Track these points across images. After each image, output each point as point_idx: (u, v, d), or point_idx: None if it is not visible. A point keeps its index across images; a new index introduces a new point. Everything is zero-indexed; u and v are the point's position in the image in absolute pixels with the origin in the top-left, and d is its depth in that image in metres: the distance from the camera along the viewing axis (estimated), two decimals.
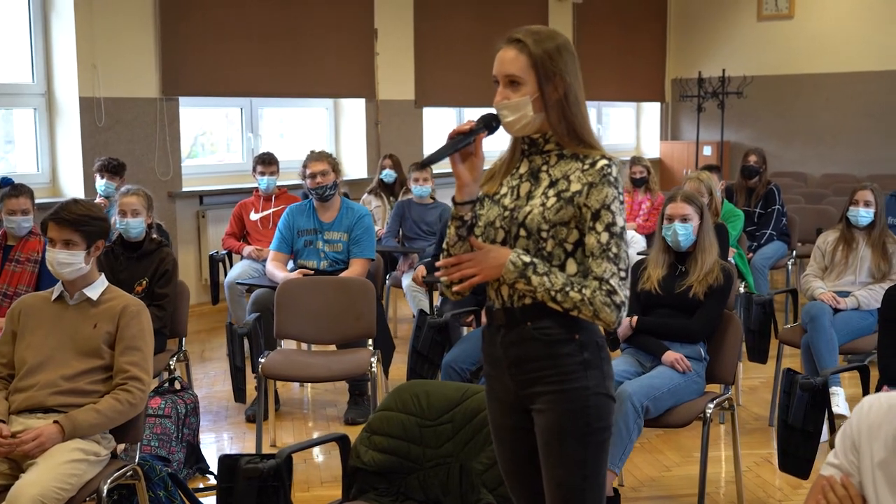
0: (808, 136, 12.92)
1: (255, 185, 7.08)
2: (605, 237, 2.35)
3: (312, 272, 5.56)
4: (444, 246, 2.51)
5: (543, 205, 2.40)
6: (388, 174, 7.99)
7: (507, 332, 2.46)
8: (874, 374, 4.09)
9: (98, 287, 3.55)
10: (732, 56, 13.10)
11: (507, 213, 2.45)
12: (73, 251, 3.45)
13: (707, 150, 12.98)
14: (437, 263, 2.44)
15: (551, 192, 2.41)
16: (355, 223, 5.69)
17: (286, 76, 8.80)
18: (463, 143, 2.39)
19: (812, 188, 11.06)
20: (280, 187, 7.07)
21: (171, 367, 4.85)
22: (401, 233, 7.34)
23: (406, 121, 10.05)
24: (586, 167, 2.39)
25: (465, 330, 5.66)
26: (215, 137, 9.13)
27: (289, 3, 8.76)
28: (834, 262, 5.37)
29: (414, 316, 7.68)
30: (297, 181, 8.21)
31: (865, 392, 3.96)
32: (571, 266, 2.39)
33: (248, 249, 6.75)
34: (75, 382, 3.39)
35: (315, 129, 9.76)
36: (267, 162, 6.96)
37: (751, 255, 7.22)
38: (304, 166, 5.72)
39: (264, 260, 6.65)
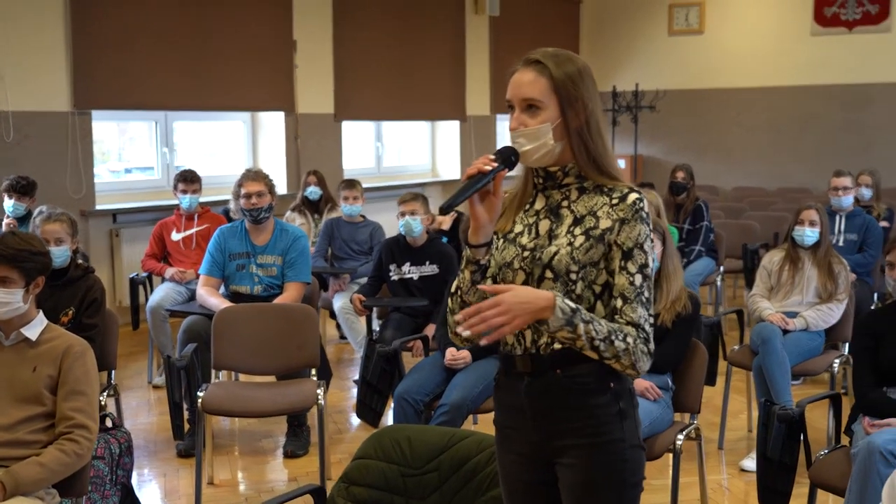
0: (719, 149, 13.09)
1: (172, 202, 6.76)
2: (638, 279, 2.18)
3: None
4: (457, 292, 2.29)
5: (571, 244, 2.21)
6: (313, 191, 7.74)
7: (532, 380, 2.26)
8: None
9: (37, 326, 3.25)
10: (645, 70, 13.21)
11: (526, 254, 2.25)
12: (10, 289, 3.14)
13: (621, 164, 13.03)
14: (457, 317, 2.13)
15: (578, 231, 2.22)
16: (290, 246, 5.46)
17: (203, 89, 8.49)
18: (482, 183, 2.16)
19: (725, 202, 11.17)
20: (203, 205, 6.77)
21: (102, 403, 4.53)
22: (329, 252, 7.10)
23: (326, 135, 9.80)
24: (615, 201, 2.22)
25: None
26: (106, 146, 8.68)
27: (206, 15, 8.45)
28: (780, 282, 5.33)
29: (342, 337, 7.51)
30: (215, 197, 7.93)
31: (838, 421, 3.89)
32: (600, 310, 2.22)
33: (170, 271, 6.43)
34: (14, 433, 3.08)
35: (233, 144, 9.44)
36: (189, 180, 6.65)
37: None
38: (239, 185, 5.47)
39: (188, 282, 6.36)
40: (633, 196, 2.21)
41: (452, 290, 2.31)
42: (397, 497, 2.82)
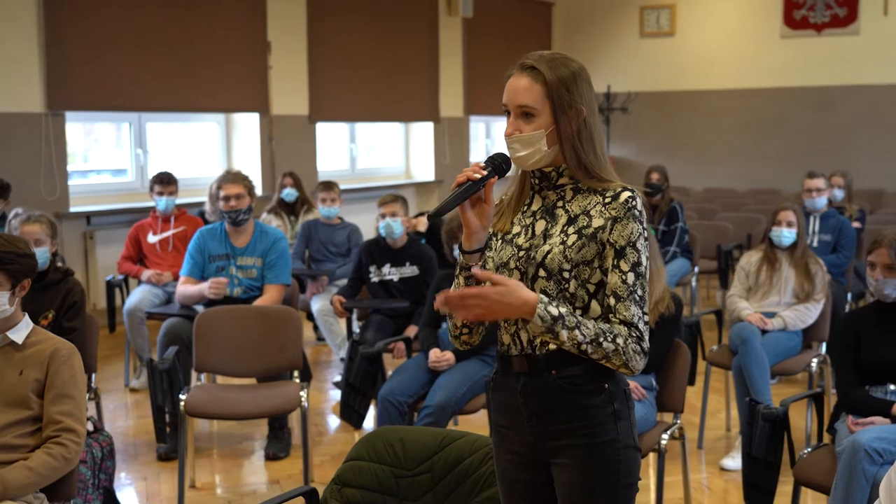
0: (690, 150, 13.19)
1: (147, 204, 6.72)
2: (630, 277, 2.20)
3: (226, 292, 5.29)
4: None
5: (564, 243, 2.22)
6: (290, 193, 7.72)
7: (527, 380, 2.27)
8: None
9: (23, 329, 3.21)
10: (616, 72, 13.28)
11: (521, 254, 2.26)
12: None
13: None
14: (438, 296, 2.16)
15: (571, 230, 2.24)
16: (270, 247, 5.44)
17: (177, 90, 8.44)
18: (472, 191, 2.20)
19: (696, 203, 11.26)
20: (179, 207, 6.73)
21: None
22: (307, 254, 7.09)
23: (300, 136, 9.77)
24: (608, 200, 2.23)
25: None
26: (71, 148, 8.56)
27: (180, 16, 8.41)
28: (758, 282, 5.38)
29: (319, 339, 7.49)
30: (189, 199, 7.89)
31: (821, 419, 3.94)
32: (595, 308, 2.23)
33: (147, 274, 6.39)
34: (2, 437, 3.05)
35: (207, 145, 9.38)
36: (165, 182, 6.61)
37: None
38: (218, 187, 5.44)
39: (165, 285, 6.33)
40: (625, 194, 2.23)
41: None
42: (390, 498, 2.82)
